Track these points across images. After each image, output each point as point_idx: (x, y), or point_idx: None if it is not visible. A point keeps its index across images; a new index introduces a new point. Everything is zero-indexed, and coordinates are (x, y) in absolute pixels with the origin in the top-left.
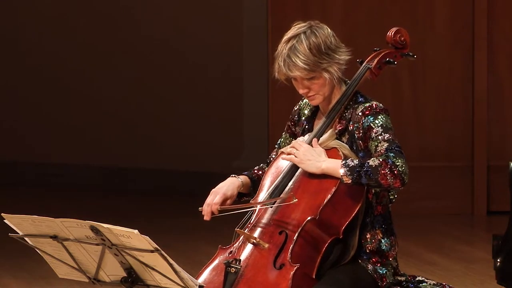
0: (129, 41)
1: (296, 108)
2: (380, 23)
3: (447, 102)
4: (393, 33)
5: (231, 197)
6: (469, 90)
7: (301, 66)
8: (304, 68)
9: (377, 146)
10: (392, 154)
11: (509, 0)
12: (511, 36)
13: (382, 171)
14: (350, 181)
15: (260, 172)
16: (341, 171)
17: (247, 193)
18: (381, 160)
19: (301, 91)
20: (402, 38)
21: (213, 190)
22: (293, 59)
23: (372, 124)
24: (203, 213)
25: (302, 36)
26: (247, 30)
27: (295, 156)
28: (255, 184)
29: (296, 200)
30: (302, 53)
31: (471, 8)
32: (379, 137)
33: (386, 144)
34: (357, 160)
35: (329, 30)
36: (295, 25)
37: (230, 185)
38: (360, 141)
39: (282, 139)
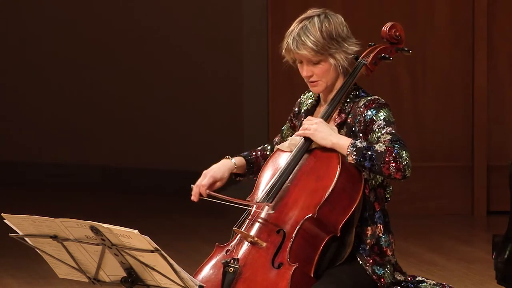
0: (129, 41)
1: (298, 101)
2: (380, 23)
3: (447, 102)
4: (388, 28)
5: (221, 179)
6: (469, 90)
7: (309, 46)
8: (311, 49)
9: (379, 137)
10: (397, 145)
11: (509, 0)
12: (511, 36)
13: (386, 158)
14: (353, 162)
15: (259, 154)
16: (348, 150)
17: (243, 173)
18: (386, 147)
19: (304, 73)
20: (397, 33)
21: (204, 171)
22: (303, 38)
23: (374, 117)
24: (192, 193)
25: (316, 18)
26: (247, 30)
27: (308, 129)
28: (251, 164)
29: (273, 211)
30: (313, 34)
31: (471, 8)
32: (382, 130)
33: (389, 136)
34: (365, 143)
35: (342, 19)
36: (310, 10)
37: (221, 167)
38: (361, 134)
39: (285, 127)
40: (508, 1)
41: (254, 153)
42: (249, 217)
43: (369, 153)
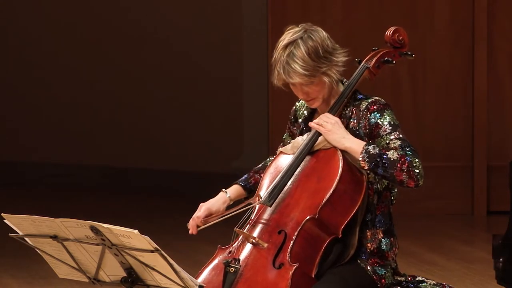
0: (129, 41)
1: (293, 109)
2: (380, 23)
3: (447, 102)
4: (391, 32)
5: (216, 213)
6: (469, 90)
7: (301, 72)
8: (304, 74)
9: (388, 143)
10: (409, 152)
11: (509, 0)
12: (511, 36)
13: (399, 167)
14: (367, 167)
15: (259, 175)
16: (361, 156)
17: (246, 197)
18: (399, 155)
19: (300, 96)
20: (401, 38)
21: (201, 204)
22: (292, 66)
23: (379, 121)
24: (188, 227)
25: (299, 41)
26: (247, 30)
27: (323, 126)
28: (251, 191)
29: (262, 199)
30: (301, 58)
31: (471, 8)
32: (390, 136)
33: (399, 142)
34: (378, 149)
35: (324, 32)
36: (289, 30)
37: (217, 201)
38: (367, 138)
39: (285, 136)
40: (508, 1)
41: (252, 179)
42: (251, 218)
43: (382, 161)
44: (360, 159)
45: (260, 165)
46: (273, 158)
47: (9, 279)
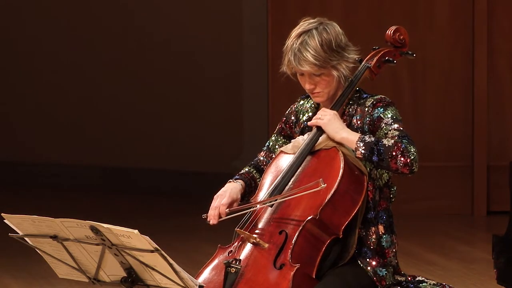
0: (129, 41)
1: (292, 110)
2: (380, 23)
3: (447, 102)
4: (392, 31)
5: (237, 200)
6: (469, 90)
7: (311, 61)
8: (314, 64)
9: (386, 134)
10: (405, 140)
11: (509, 0)
12: (511, 36)
13: (394, 153)
14: (361, 156)
15: (250, 176)
16: (356, 144)
17: (242, 196)
18: (394, 142)
19: (307, 87)
20: (402, 37)
21: (217, 194)
22: (304, 54)
23: (382, 115)
24: (208, 219)
25: (314, 31)
26: (247, 29)
27: (321, 119)
28: (249, 186)
29: (325, 185)
30: (313, 48)
31: (471, 8)
32: (389, 127)
33: (397, 132)
34: (374, 138)
35: (339, 28)
36: (305, 21)
37: (233, 189)
38: (370, 134)
39: (272, 141)
40: (508, 1)
41: (246, 178)
42: (251, 218)
43: (377, 147)
44: (356, 147)
45: (245, 169)
46: (256, 162)
47: (9, 279)
